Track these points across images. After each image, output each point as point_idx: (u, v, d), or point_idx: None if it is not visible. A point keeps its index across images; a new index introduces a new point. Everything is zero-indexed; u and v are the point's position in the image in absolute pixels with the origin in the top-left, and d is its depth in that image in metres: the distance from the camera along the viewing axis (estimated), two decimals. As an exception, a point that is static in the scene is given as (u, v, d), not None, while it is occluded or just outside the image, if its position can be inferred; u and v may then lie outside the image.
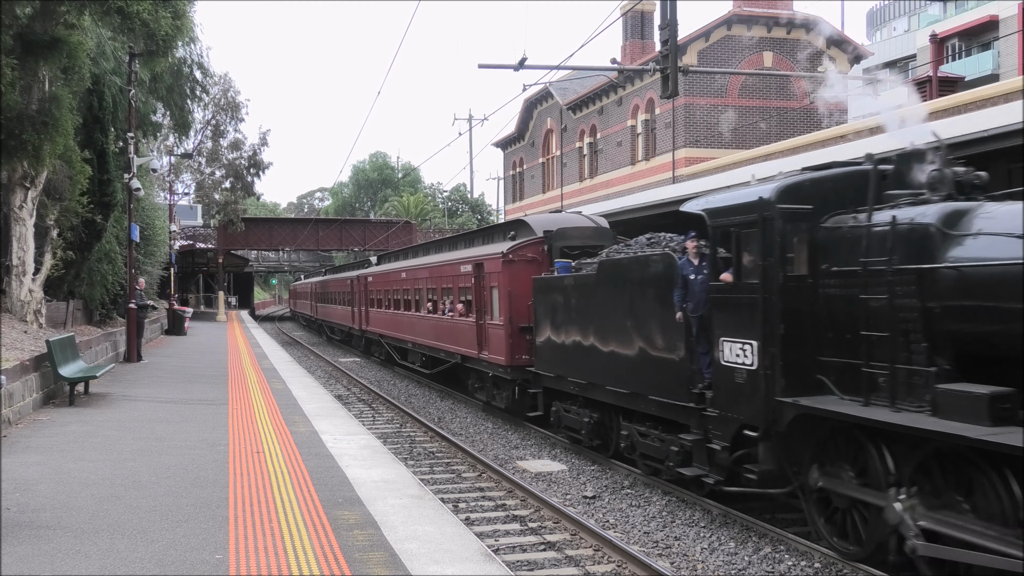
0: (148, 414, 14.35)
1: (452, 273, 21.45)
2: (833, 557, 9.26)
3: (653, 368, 11.87)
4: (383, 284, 30.98)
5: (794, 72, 33.38)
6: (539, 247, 17.23)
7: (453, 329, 21.17)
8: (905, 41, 61.48)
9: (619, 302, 12.81)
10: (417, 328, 25.19)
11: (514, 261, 17.30)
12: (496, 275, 17.86)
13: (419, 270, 25.38)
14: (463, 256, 20.76)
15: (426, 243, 29.18)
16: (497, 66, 19.90)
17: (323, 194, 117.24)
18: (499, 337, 17.69)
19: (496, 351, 17.85)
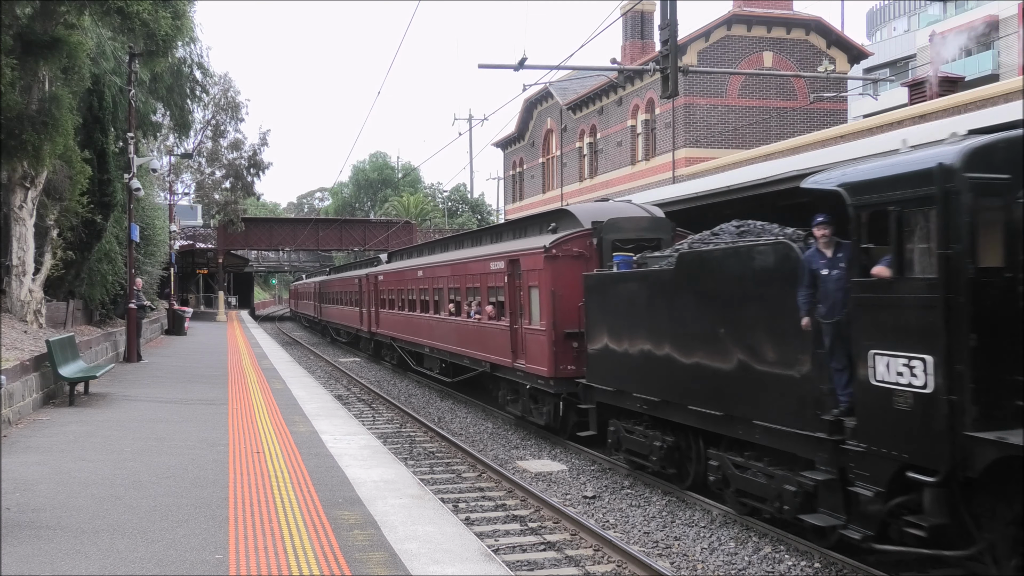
0: (148, 414, 14.35)
1: (480, 271, 19.21)
2: (833, 557, 9.26)
3: (760, 386, 9.56)
4: (396, 283, 28.71)
5: (794, 72, 33.38)
6: (586, 240, 15.03)
7: (481, 334, 19.07)
8: (905, 41, 61.49)
9: (708, 303, 10.54)
10: (436, 332, 23.17)
11: (558, 257, 15.08)
12: (536, 273, 15.68)
13: (439, 268, 23.08)
14: (493, 252, 18.62)
15: (445, 238, 26.61)
16: (497, 66, 19.92)
17: (323, 194, 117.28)
18: (540, 344, 15.54)
19: (536, 360, 15.74)
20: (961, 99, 19.65)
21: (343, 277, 41.95)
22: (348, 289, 39.05)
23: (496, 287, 18.16)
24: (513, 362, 16.91)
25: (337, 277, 44.78)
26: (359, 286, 35.50)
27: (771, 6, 36.04)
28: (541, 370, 15.46)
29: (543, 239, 15.87)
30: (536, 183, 50.18)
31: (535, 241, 16.40)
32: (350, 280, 38.68)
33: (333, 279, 45.85)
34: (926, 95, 23.96)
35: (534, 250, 15.93)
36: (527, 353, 16.25)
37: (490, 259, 18.57)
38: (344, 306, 40.41)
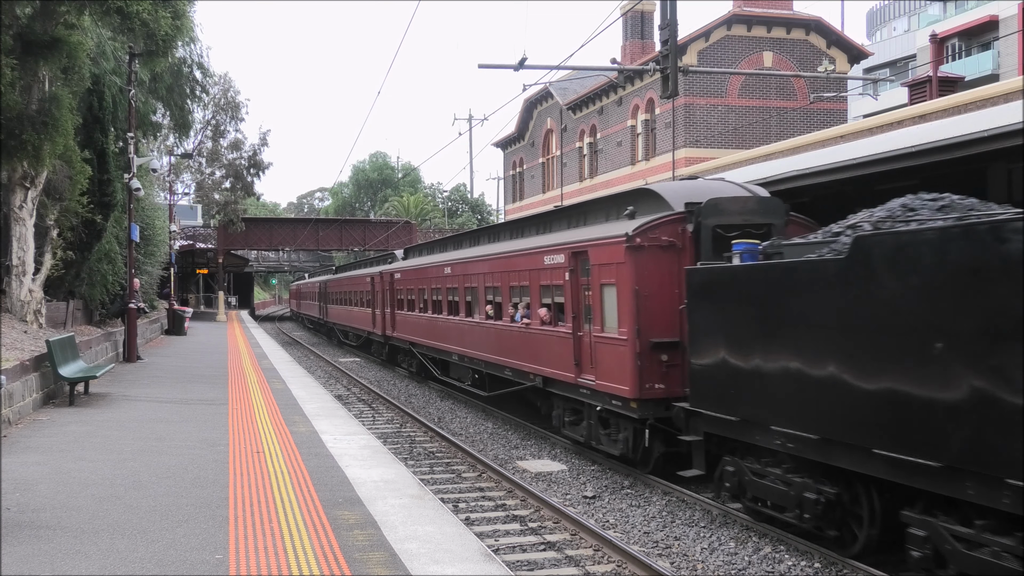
0: (148, 414, 14.36)
1: (529, 267, 16.33)
2: (833, 557, 9.26)
3: (1012, 426, 6.70)
4: (417, 282, 25.53)
5: (794, 72, 33.38)
6: (679, 226, 12.27)
7: (530, 342, 16.28)
8: (905, 41, 61.50)
9: (915, 306, 7.63)
10: (468, 337, 20.22)
11: (643, 248, 12.19)
12: (613, 268, 12.81)
13: (473, 264, 19.95)
14: (548, 243, 15.55)
15: (476, 231, 23.41)
16: (497, 66, 19.91)
17: (323, 194, 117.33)
18: (618, 357, 12.63)
19: (612, 376, 12.81)
20: (961, 99, 19.64)
21: (353, 276, 38.85)
22: (358, 288, 36.24)
23: (552, 286, 15.29)
24: (577, 377, 13.99)
25: (345, 276, 41.65)
26: (372, 285, 32.76)
27: (771, 6, 36.03)
28: (620, 389, 12.51)
29: (620, 226, 12.95)
30: (536, 183, 50.18)
31: (608, 229, 13.44)
32: (361, 279, 35.69)
33: (341, 278, 42.85)
34: (926, 95, 23.95)
35: (609, 240, 12.96)
36: (598, 367, 13.35)
37: (544, 252, 15.59)
38: (354, 307, 37.62)
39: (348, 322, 39.64)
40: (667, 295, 12.15)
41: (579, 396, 14.22)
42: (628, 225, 12.69)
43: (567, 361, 14.42)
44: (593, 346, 13.56)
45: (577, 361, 14.05)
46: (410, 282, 26.54)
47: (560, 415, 15.53)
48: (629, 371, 12.27)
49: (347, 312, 39.53)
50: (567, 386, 14.67)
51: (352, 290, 37.98)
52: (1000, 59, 47.59)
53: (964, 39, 51.10)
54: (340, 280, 42.56)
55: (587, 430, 14.29)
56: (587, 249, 13.79)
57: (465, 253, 21.33)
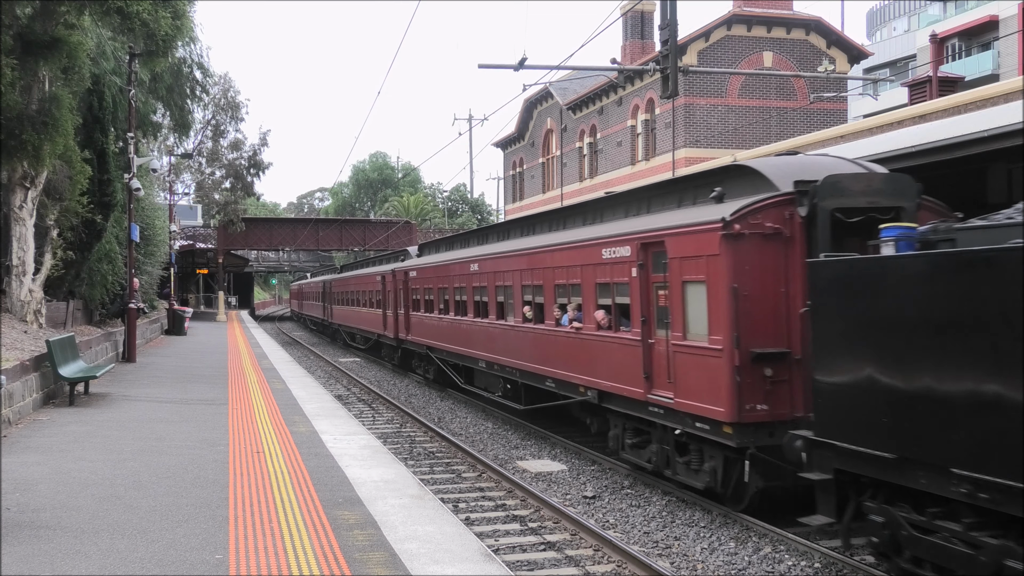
0: (148, 414, 14.36)
1: (581, 262, 14.05)
2: (833, 557, 9.26)
3: None
4: (437, 280, 23.26)
5: (794, 72, 33.39)
6: (786, 211, 10.16)
7: (581, 349, 14.06)
8: (905, 41, 61.51)
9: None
10: (500, 342, 18.02)
11: (743, 236, 10.09)
12: (703, 262, 10.60)
13: (507, 260, 17.67)
14: (607, 234, 13.26)
15: (506, 223, 21.00)
16: (497, 66, 19.92)
17: (323, 194, 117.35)
18: (708, 370, 10.48)
19: (697, 393, 10.68)
20: (961, 99, 19.63)
21: (361, 275, 36.53)
22: (367, 288, 33.89)
23: (613, 284, 13.01)
24: (646, 393, 11.80)
25: (353, 275, 39.27)
26: (382, 284, 30.43)
27: (771, 6, 36.05)
28: (710, 410, 10.39)
29: (706, 211, 10.90)
30: (536, 183, 50.18)
31: (690, 215, 11.32)
32: (370, 278, 33.48)
33: (347, 277, 40.48)
34: (926, 95, 23.95)
35: (697, 227, 10.77)
36: (678, 382, 11.14)
37: (601, 244, 13.31)
38: (362, 307, 35.31)
39: (356, 324, 37.49)
40: (771, 295, 10.13)
41: (648, 415, 11.99)
42: (721, 209, 10.49)
43: (633, 373, 12.18)
44: (671, 356, 11.31)
45: (647, 374, 11.81)
46: (428, 281, 24.31)
47: (619, 436, 13.34)
48: (724, 388, 10.10)
49: (355, 313, 37.37)
50: (631, 403, 12.37)
51: (361, 290, 35.75)
52: (1000, 59, 47.59)
53: (964, 39, 51.12)
54: (347, 280, 40.52)
55: (657, 456, 12.18)
56: (663, 239, 11.48)
57: (495, 248, 19.02)
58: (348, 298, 39.21)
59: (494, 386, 19.23)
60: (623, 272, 12.67)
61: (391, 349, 30.25)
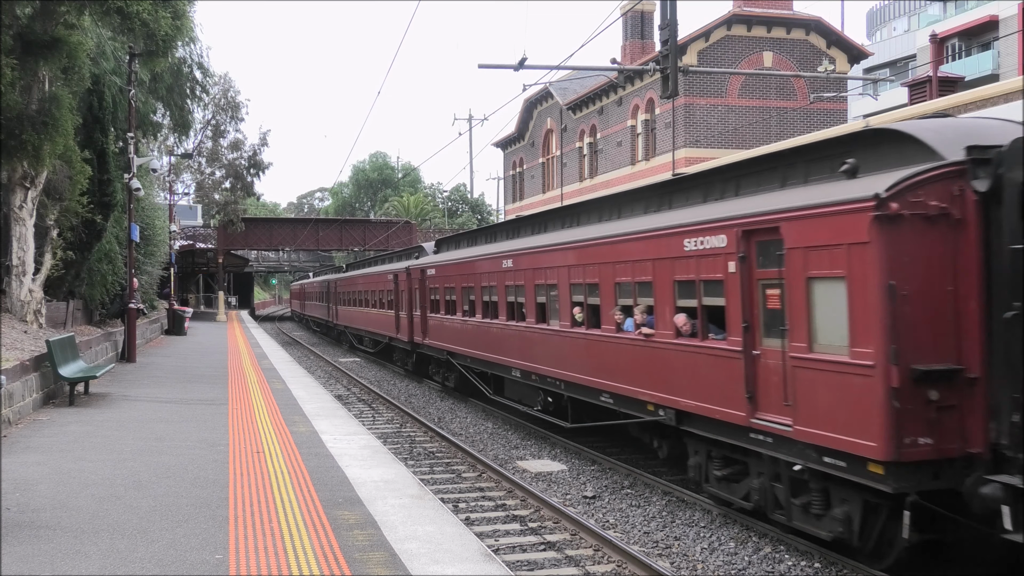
0: (148, 414, 14.35)
1: (654, 254, 11.71)
2: (833, 556, 9.25)
3: None
4: (461, 279, 20.96)
5: (794, 72, 33.39)
6: (955, 186, 8.06)
7: (652, 359, 11.85)
8: (905, 41, 61.53)
9: None
10: (540, 349, 15.82)
11: (901, 218, 7.98)
12: (842, 252, 8.45)
13: (550, 254, 15.33)
14: (692, 220, 10.95)
15: (546, 212, 18.23)
16: (497, 66, 19.91)
17: (323, 194, 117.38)
18: (854, 393, 8.28)
19: (832, 422, 8.51)
20: (961, 99, 19.64)
21: (370, 273, 34.46)
22: (377, 288, 31.72)
23: (700, 281, 10.64)
24: (751, 416, 9.58)
25: (360, 273, 37.35)
26: (395, 284, 28.32)
27: (771, 6, 36.04)
28: (857, 443, 8.18)
29: (838, 188, 8.75)
30: (536, 183, 50.19)
31: (813, 193, 9.14)
32: (380, 276, 31.32)
33: (355, 276, 38.42)
34: (926, 95, 23.96)
35: (831, 208, 8.58)
36: (800, 404, 8.91)
37: (684, 233, 10.99)
38: (371, 308, 33.14)
39: (365, 326, 35.34)
40: (937, 295, 8.02)
41: (748, 443, 9.82)
42: (863, 186, 8.34)
43: (728, 391, 10.03)
44: (789, 372, 9.11)
45: (751, 393, 9.59)
46: (450, 279, 22.08)
47: (701, 465, 11.26)
48: (876, 416, 7.94)
49: (363, 315, 35.25)
50: (724, 427, 10.21)
51: (370, 289, 33.67)
52: (1000, 59, 47.61)
53: (964, 39, 51.13)
54: (354, 279, 38.32)
55: (762, 494, 10.00)
56: (778, 225, 9.25)
57: (534, 241, 16.75)
58: (355, 298, 37.36)
59: (530, 398, 16.94)
60: (715, 267, 10.34)
61: (404, 353, 28.30)
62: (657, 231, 11.77)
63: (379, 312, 31.41)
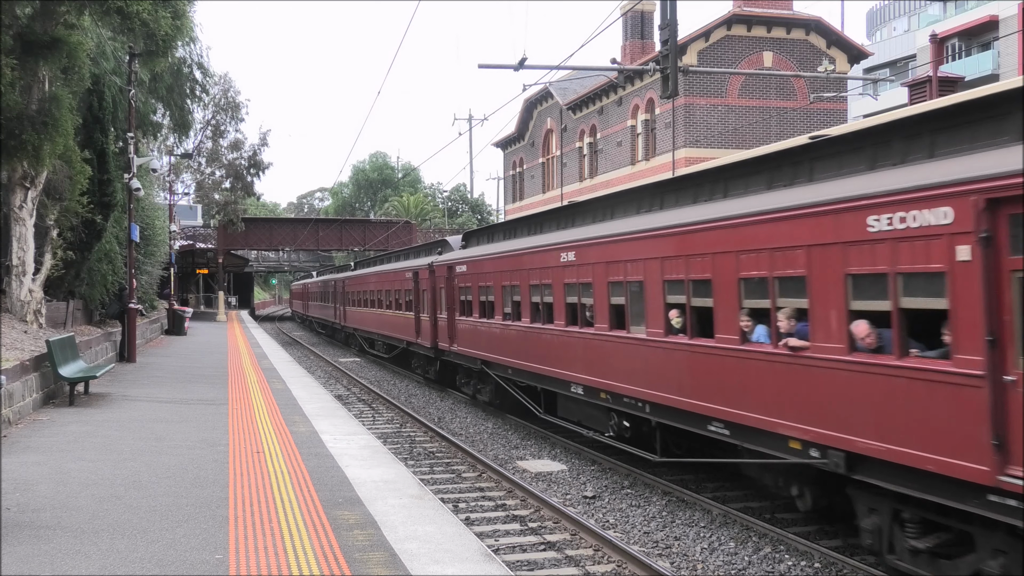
0: (148, 414, 14.35)
1: (814, 238, 8.78)
2: (834, 557, 9.25)
3: None
4: (501, 276, 17.93)
5: (794, 72, 33.39)
6: None
7: (808, 382, 8.92)
8: (905, 41, 61.50)
9: None
10: (615, 361, 12.93)
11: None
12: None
13: (631, 244, 12.35)
14: (883, 189, 8.02)
15: (607, 196, 15.29)
16: (497, 66, 19.91)
17: (323, 194, 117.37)
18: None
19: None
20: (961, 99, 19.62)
21: (384, 271, 31.51)
22: (394, 287, 28.90)
23: (897, 274, 7.78)
24: (999, 471, 6.80)
25: (373, 271, 34.41)
26: (415, 282, 25.66)
27: (771, 6, 36.04)
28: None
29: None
30: (536, 183, 50.18)
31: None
32: (397, 275, 28.40)
33: (366, 274, 35.70)
34: (926, 95, 23.94)
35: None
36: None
37: (871, 206, 8.07)
38: (386, 310, 30.23)
39: (379, 329, 32.08)
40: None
41: (990, 510, 6.96)
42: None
43: (956, 432, 7.14)
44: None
45: (998, 438, 6.76)
46: (486, 277, 19.16)
47: (884, 529, 8.46)
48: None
49: (377, 317, 32.29)
50: (944, 483, 7.33)
51: (384, 289, 30.78)
52: (1000, 59, 47.58)
53: (964, 39, 51.11)
54: (364, 276, 35.80)
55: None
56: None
57: (604, 229, 13.65)
58: (367, 298, 34.53)
59: (597, 421, 14.12)
60: (929, 253, 7.43)
61: (425, 360, 25.48)
62: (818, 207, 8.68)
63: (395, 314, 28.66)
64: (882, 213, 7.90)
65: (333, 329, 46.62)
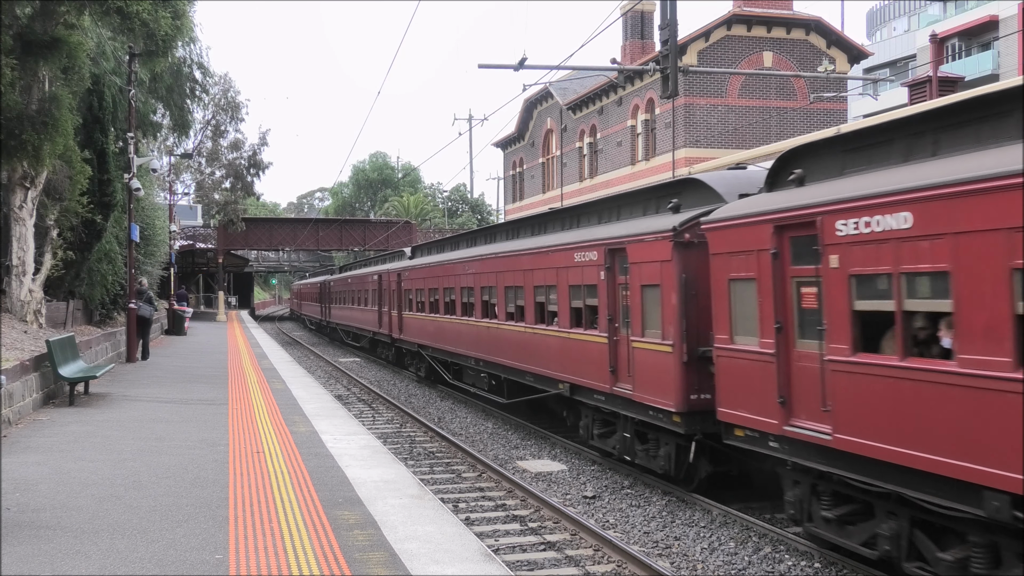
0: (148, 414, 14.35)
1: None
2: (833, 557, 9.25)
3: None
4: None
5: (794, 72, 33.38)
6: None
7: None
8: (905, 41, 61.51)
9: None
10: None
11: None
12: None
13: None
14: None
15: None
16: (497, 66, 19.90)
17: (323, 194, 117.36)
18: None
19: None
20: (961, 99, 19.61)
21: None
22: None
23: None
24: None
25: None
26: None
27: (771, 6, 36.03)
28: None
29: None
30: (536, 183, 50.17)
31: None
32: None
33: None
34: (926, 95, 23.95)
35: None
36: None
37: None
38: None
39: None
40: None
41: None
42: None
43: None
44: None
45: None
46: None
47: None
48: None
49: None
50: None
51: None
52: (1000, 59, 47.59)
53: (964, 39, 51.12)
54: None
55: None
56: None
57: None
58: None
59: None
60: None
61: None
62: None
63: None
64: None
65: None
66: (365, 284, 33.26)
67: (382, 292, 29.28)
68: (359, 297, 34.77)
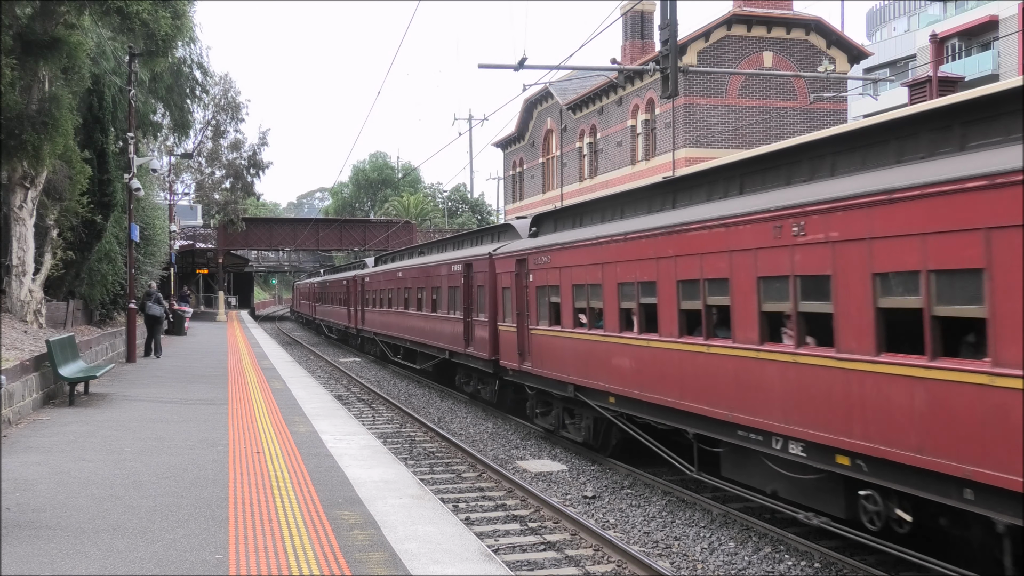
0: (148, 414, 14.35)
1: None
2: (833, 557, 9.25)
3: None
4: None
5: (794, 72, 33.37)
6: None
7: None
8: (905, 41, 61.49)
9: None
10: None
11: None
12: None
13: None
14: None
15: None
16: (497, 66, 19.90)
17: (323, 194, 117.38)
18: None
19: None
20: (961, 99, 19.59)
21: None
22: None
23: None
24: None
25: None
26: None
27: (771, 6, 36.01)
28: None
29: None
30: (536, 183, 50.17)
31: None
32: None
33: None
34: (926, 95, 23.93)
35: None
36: None
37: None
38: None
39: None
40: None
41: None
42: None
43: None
44: None
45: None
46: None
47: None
48: None
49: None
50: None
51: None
52: (1000, 59, 47.57)
53: (964, 39, 51.09)
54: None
55: None
56: None
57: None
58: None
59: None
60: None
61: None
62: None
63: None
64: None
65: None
66: (434, 279, 24.35)
67: (471, 290, 20.48)
68: (423, 297, 25.97)
